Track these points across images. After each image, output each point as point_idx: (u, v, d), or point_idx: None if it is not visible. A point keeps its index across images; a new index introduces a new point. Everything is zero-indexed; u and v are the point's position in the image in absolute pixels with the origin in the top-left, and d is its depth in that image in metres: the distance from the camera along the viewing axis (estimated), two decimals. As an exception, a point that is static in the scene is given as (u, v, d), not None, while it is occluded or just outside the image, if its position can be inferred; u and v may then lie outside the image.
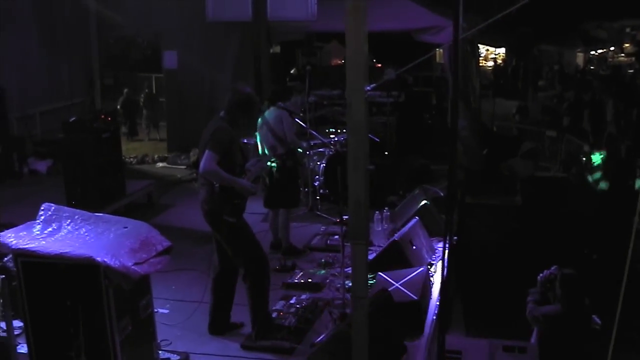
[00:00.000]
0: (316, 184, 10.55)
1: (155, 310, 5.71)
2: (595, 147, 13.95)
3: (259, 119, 8.61)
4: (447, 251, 3.51)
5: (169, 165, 14.09)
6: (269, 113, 8.59)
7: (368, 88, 3.59)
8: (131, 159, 14.44)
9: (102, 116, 10.32)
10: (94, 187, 9.60)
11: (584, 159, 13.45)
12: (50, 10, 13.86)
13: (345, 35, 3.56)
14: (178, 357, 6.06)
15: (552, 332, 6.19)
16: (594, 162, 12.74)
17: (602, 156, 12.82)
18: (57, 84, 14.21)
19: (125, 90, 17.50)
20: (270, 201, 8.73)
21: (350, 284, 6.46)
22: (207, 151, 6.03)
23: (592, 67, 33.00)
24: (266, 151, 8.45)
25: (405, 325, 6.22)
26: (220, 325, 6.63)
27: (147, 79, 20.39)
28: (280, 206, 8.72)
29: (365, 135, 3.63)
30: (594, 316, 6.30)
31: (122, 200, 10.29)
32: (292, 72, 15.34)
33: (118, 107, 16.58)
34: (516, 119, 17.95)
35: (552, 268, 6.43)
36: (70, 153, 9.79)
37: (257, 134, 8.75)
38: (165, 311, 7.04)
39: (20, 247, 4.95)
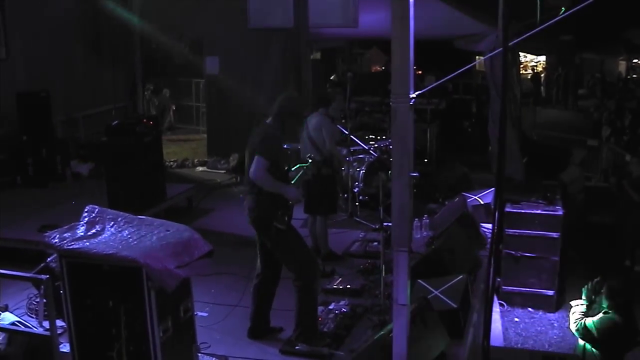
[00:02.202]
0: (355, 191, 10.53)
1: (195, 313, 5.74)
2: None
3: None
4: (492, 260, 3.49)
5: (209, 170, 14.20)
6: (310, 119, 8.59)
7: (413, 95, 3.59)
8: (171, 163, 14.57)
9: (144, 120, 10.41)
10: (135, 190, 9.63)
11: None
12: (95, 16, 14.06)
13: (392, 43, 3.56)
14: (217, 360, 6.10)
15: (597, 343, 6.12)
16: None
17: None
18: (100, 89, 14.39)
19: (150, 87, 17.68)
20: (308, 207, 8.75)
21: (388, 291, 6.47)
22: (257, 157, 6.05)
23: (634, 75, 32.62)
24: (306, 157, 8.46)
25: (444, 333, 6.20)
26: (260, 329, 6.64)
27: (187, 84, 20.65)
28: (317, 213, 8.73)
29: (410, 143, 3.62)
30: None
31: (163, 203, 10.34)
32: (332, 78, 15.37)
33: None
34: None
35: (597, 279, 6.37)
36: (113, 156, 9.87)
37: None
38: (205, 314, 7.07)
39: (65, 247, 5.02)
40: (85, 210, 5.48)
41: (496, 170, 3.27)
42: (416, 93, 3.63)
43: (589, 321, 6.21)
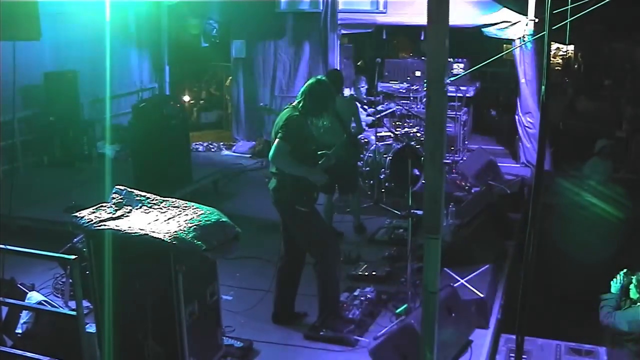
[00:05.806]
0: (381, 177, 10.47)
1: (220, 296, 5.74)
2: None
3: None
4: (529, 250, 3.44)
5: (234, 154, 14.17)
6: (339, 101, 8.41)
7: (448, 81, 3.55)
8: (197, 146, 14.57)
9: (171, 103, 10.41)
10: (161, 173, 9.60)
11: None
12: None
13: (427, 29, 3.52)
14: (242, 344, 6.09)
15: (628, 336, 6.06)
16: None
17: None
18: (127, 71, 14.39)
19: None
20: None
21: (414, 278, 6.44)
22: (277, 140, 6.02)
23: (666, 66, 32.14)
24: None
25: (470, 322, 6.18)
26: (284, 314, 6.63)
27: (214, 68, 20.59)
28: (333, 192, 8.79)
29: (443, 130, 3.57)
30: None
31: (189, 186, 10.29)
32: (359, 63, 15.26)
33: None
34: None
35: (626, 271, 6.29)
36: (139, 138, 9.90)
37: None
38: (229, 298, 7.07)
39: (93, 228, 5.03)
40: (113, 191, 5.49)
41: (536, 162, 3.21)
42: (451, 79, 3.58)
43: (619, 314, 6.14)
